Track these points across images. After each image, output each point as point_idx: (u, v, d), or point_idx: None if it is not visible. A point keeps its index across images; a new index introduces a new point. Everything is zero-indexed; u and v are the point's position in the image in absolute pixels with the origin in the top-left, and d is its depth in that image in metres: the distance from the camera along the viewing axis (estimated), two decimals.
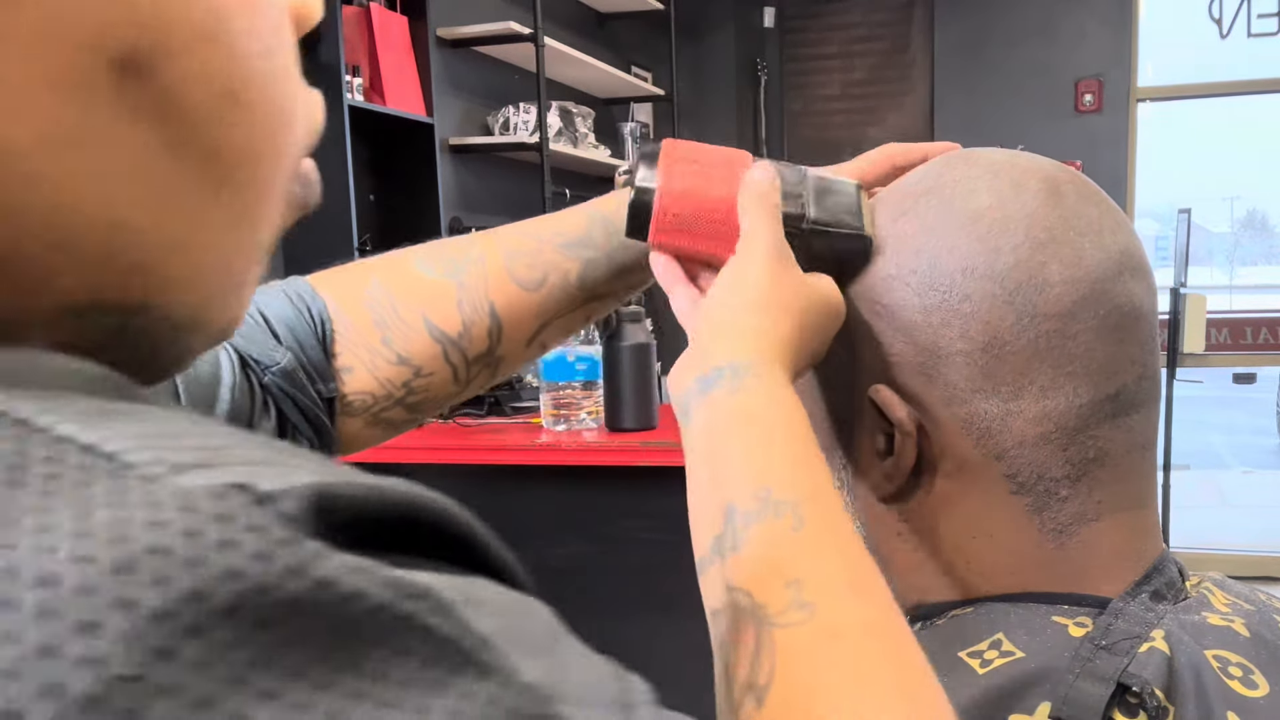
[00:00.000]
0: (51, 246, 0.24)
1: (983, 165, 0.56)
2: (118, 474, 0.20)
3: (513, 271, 0.63)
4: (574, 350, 1.92)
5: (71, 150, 0.24)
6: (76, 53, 0.23)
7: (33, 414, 0.21)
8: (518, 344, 0.65)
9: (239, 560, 0.19)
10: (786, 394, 0.49)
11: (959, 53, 4.37)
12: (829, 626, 0.41)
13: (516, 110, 3.38)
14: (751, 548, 0.44)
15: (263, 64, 0.28)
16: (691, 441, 0.50)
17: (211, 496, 0.20)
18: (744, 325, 0.51)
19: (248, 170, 0.28)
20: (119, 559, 0.18)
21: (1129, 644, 0.49)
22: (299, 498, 0.20)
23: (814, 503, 0.45)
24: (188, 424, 0.23)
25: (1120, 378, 0.53)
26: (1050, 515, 0.53)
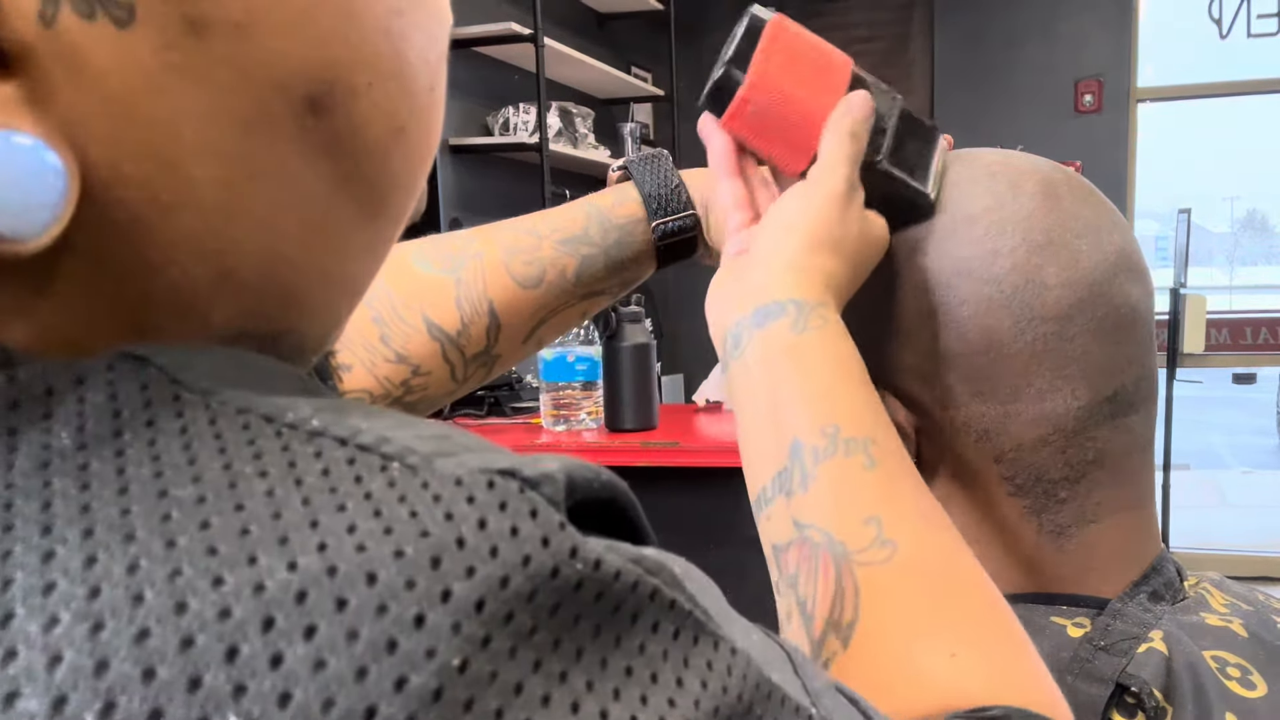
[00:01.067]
0: (218, 278, 0.24)
1: (979, 167, 0.56)
2: (383, 467, 0.21)
3: (511, 268, 0.63)
4: (574, 350, 1.92)
5: (250, 185, 0.24)
6: (271, 92, 0.23)
7: (275, 411, 0.22)
8: (514, 341, 0.64)
9: (528, 548, 0.20)
10: (846, 339, 0.49)
11: (959, 53, 4.37)
12: (911, 563, 0.42)
13: (516, 110, 3.38)
14: (824, 484, 0.44)
15: (428, 98, 0.28)
16: (745, 374, 0.49)
17: (484, 484, 0.20)
18: (810, 264, 0.50)
19: (399, 201, 0.29)
20: (428, 553, 0.19)
21: (1127, 644, 0.50)
22: (555, 483, 0.21)
23: (882, 443, 0.45)
24: (391, 413, 0.24)
25: (1118, 379, 0.53)
26: (1049, 517, 0.53)
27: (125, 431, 0.21)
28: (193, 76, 0.22)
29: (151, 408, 0.21)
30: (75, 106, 0.21)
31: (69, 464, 0.20)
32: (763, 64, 0.53)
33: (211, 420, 0.21)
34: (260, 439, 0.21)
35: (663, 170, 0.63)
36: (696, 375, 3.30)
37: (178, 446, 0.21)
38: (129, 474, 0.20)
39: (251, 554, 0.19)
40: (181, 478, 0.20)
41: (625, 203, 0.63)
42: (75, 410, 0.21)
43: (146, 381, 0.22)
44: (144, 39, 0.21)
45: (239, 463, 0.20)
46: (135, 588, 0.18)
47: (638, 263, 0.64)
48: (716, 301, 0.53)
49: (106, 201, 0.22)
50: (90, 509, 0.19)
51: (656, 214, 0.62)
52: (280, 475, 0.20)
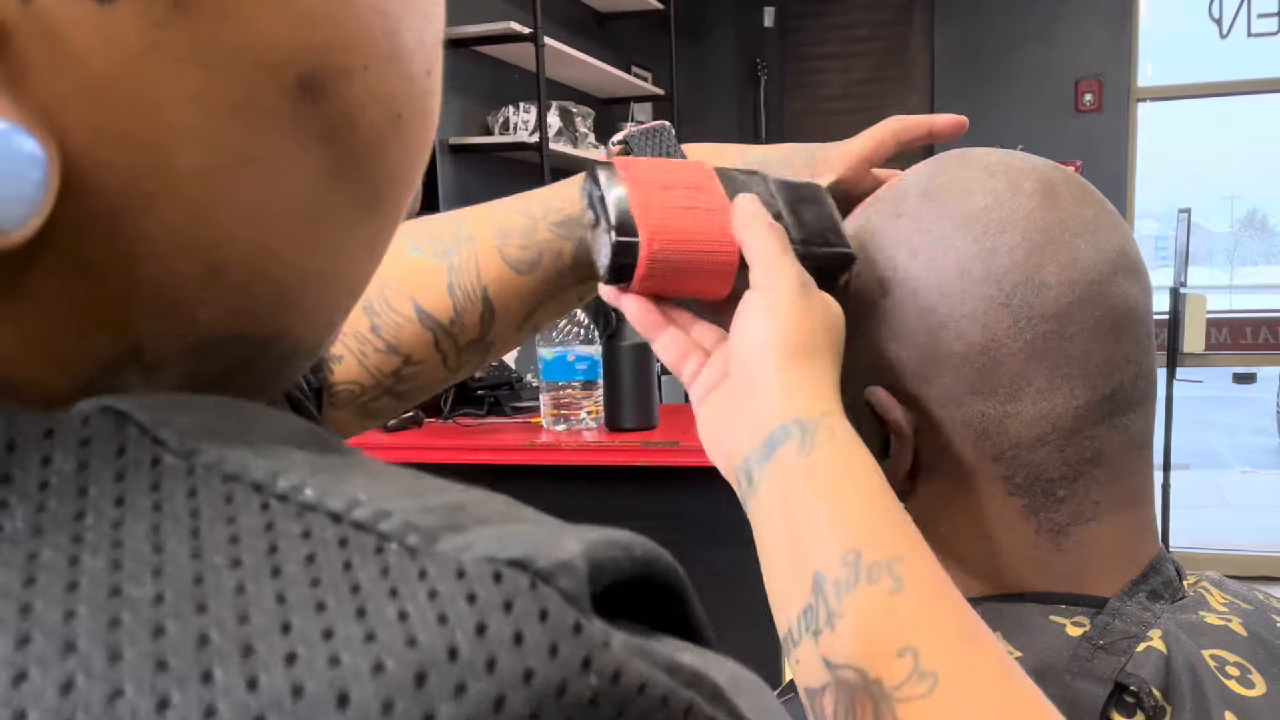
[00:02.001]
0: (205, 274, 0.23)
1: (978, 166, 0.56)
2: (379, 549, 0.18)
3: (505, 253, 0.60)
4: (574, 350, 1.92)
5: (239, 174, 0.22)
6: (261, 74, 0.22)
7: (266, 477, 0.19)
8: (510, 327, 0.62)
9: (532, 659, 0.17)
10: (857, 445, 0.47)
11: (959, 53, 4.37)
12: (955, 693, 0.39)
13: (516, 110, 3.38)
14: (851, 619, 0.42)
15: (425, 83, 0.26)
16: (761, 510, 0.48)
17: (490, 578, 0.18)
18: (796, 376, 0.48)
19: (395, 195, 0.27)
20: (412, 667, 0.17)
21: (1126, 644, 0.50)
22: (575, 573, 0.18)
23: (909, 560, 0.43)
24: (397, 472, 0.21)
25: (1116, 378, 0.53)
26: (1048, 516, 0.53)
27: (89, 513, 0.18)
28: (179, 57, 0.21)
29: (124, 481, 0.19)
30: (54, 89, 0.19)
31: (18, 553, 0.18)
32: (643, 211, 0.51)
33: (190, 493, 0.19)
34: (242, 516, 0.19)
35: (664, 145, 0.61)
36: None
37: (144, 529, 0.18)
38: (82, 564, 0.18)
39: (207, 669, 0.16)
40: (141, 571, 0.18)
41: None
42: (37, 480, 0.19)
43: (124, 444, 0.20)
44: (128, 16, 0.20)
45: (210, 551, 0.18)
46: (67, 713, 0.16)
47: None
48: (717, 443, 0.52)
49: (87, 191, 0.20)
50: (31, 610, 0.17)
51: None
52: (255, 566, 0.18)
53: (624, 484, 1.82)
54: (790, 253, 0.52)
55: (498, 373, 2.22)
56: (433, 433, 2.01)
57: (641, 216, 0.51)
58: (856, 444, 0.47)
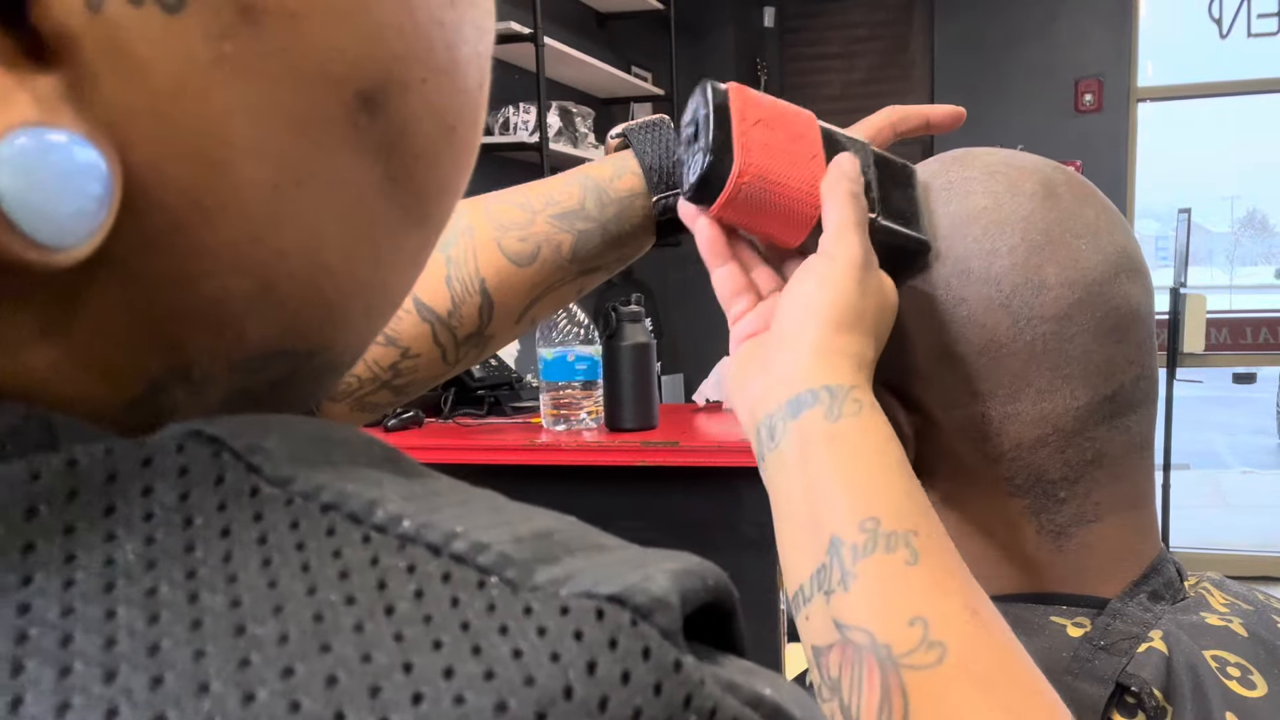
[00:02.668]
0: (258, 291, 0.22)
1: (979, 166, 0.56)
2: (480, 584, 0.19)
3: (503, 245, 0.60)
4: (574, 350, 1.92)
5: (297, 190, 0.22)
6: (324, 87, 0.22)
7: (363, 508, 0.19)
8: (508, 321, 0.62)
9: (640, 698, 0.18)
10: (883, 421, 0.48)
11: (959, 53, 4.37)
12: (962, 665, 0.40)
13: (516, 110, 3.38)
14: (865, 583, 0.42)
15: (478, 96, 0.26)
16: (781, 466, 0.48)
17: (593, 614, 0.18)
18: (837, 347, 0.49)
19: (443, 206, 0.27)
20: (532, 706, 0.17)
21: (1127, 644, 0.50)
22: (670, 610, 0.19)
23: (925, 534, 0.44)
24: (479, 495, 0.22)
25: (1117, 379, 0.53)
26: (1048, 517, 0.53)
27: (198, 546, 0.18)
28: (245, 69, 0.20)
29: (227, 511, 0.19)
30: (119, 101, 0.19)
31: (135, 589, 0.18)
32: (745, 145, 0.51)
33: (293, 524, 0.19)
34: (347, 549, 0.19)
35: (664, 140, 0.60)
36: (696, 375, 3.30)
37: (256, 563, 0.18)
38: (203, 602, 0.18)
39: (339, 709, 0.16)
40: (261, 609, 0.18)
41: (624, 175, 0.60)
42: (142, 511, 0.19)
43: (222, 473, 0.19)
44: (195, 27, 0.19)
45: (324, 586, 0.18)
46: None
47: (636, 237, 0.61)
48: (744, 392, 0.52)
49: (147, 206, 0.20)
50: (159, 650, 0.17)
51: (658, 187, 0.60)
52: (369, 603, 0.18)
53: (624, 484, 1.82)
54: (863, 228, 0.51)
55: (498, 373, 2.22)
56: (433, 432, 2.01)
57: (741, 144, 0.51)
58: (882, 420, 0.48)
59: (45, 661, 0.17)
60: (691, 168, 0.53)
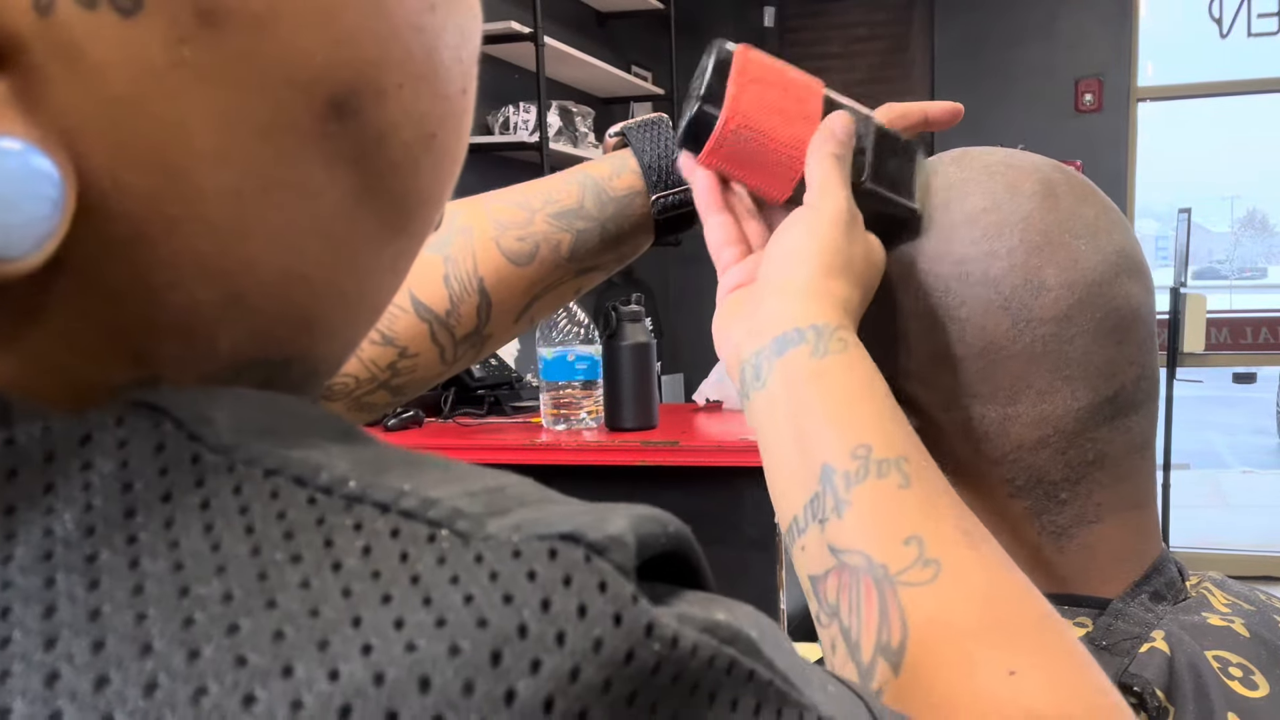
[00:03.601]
0: (227, 300, 0.22)
1: (977, 167, 0.55)
2: (431, 538, 0.18)
3: (502, 245, 0.60)
4: (574, 350, 1.92)
5: (265, 198, 0.21)
6: (291, 93, 0.21)
7: (308, 472, 0.19)
8: (506, 320, 0.61)
9: (599, 629, 0.18)
10: (867, 358, 0.48)
11: (959, 53, 4.37)
12: (957, 582, 0.40)
13: (516, 110, 3.37)
14: (860, 507, 0.43)
15: (460, 102, 0.26)
16: (768, 403, 0.48)
17: (545, 554, 0.18)
18: (823, 289, 0.49)
19: (424, 214, 0.26)
20: (487, 647, 0.17)
21: (1129, 644, 0.49)
22: (625, 548, 0.19)
23: (915, 461, 0.45)
24: (430, 460, 0.21)
25: (1118, 379, 0.53)
26: (1050, 518, 0.53)
27: (138, 511, 0.18)
28: (206, 74, 0.20)
29: (168, 476, 0.19)
30: (72, 107, 0.18)
31: (74, 555, 0.18)
32: (736, 96, 0.53)
33: (236, 489, 0.19)
34: (292, 510, 0.19)
35: (663, 139, 0.60)
36: (696, 375, 3.29)
37: (198, 528, 0.18)
38: (144, 567, 0.17)
39: (287, 663, 0.16)
40: (204, 569, 0.18)
41: (623, 174, 0.60)
42: (80, 483, 0.18)
43: (162, 441, 0.19)
44: (152, 30, 0.19)
45: (269, 546, 0.18)
46: (154, 713, 0.16)
47: (635, 236, 0.61)
48: (727, 335, 0.52)
49: (106, 214, 0.19)
50: (100, 614, 0.17)
51: (656, 186, 0.60)
52: (316, 560, 0.18)
53: (624, 484, 1.82)
54: (846, 185, 0.52)
55: (498, 372, 2.22)
56: (433, 432, 2.01)
57: (732, 95, 0.53)
58: (866, 358, 0.48)
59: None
60: (684, 115, 0.54)
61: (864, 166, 0.54)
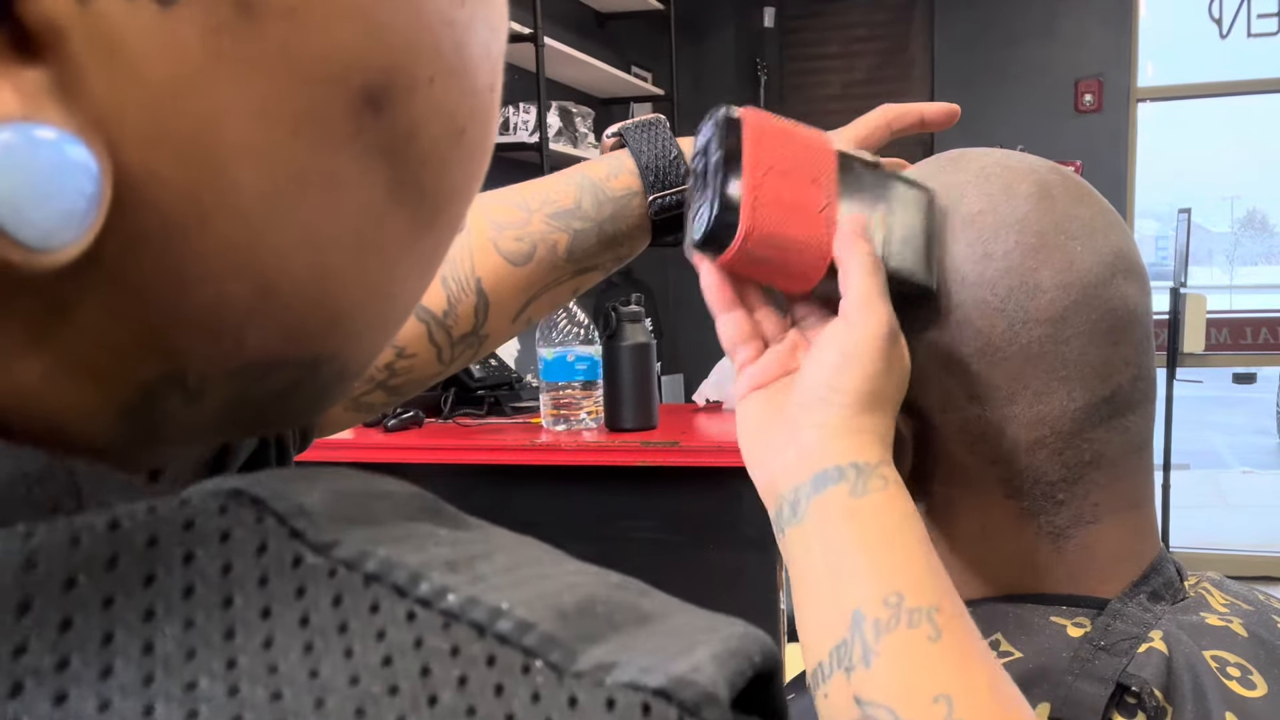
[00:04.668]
0: (257, 295, 0.22)
1: (973, 169, 0.55)
2: (525, 668, 0.18)
3: (499, 245, 0.59)
4: (574, 350, 1.92)
5: (298, 191, 0.21)
6: (326, 86, 0.21)
7: (407, 581, 0.19)
8: (504, 320, 0.61)
9: None
10: (906, 498, 0.48)
11: (959, 53, 4.37)
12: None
13: (516, 110, 3.37)
14: (888, 659, 0.42)
15: (488, 98, 0.25)
16: (804, 541, 0.47)
17: (639, 709, 0.18)
18: (863, 424, 0.48)
19: (453, 212, 0.26)
20: None
21: (1128, 644, 0.50)
22: (718, 705, 0.18)
23: (947, 610, 0.44)
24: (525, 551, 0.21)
25: (1115, 380, 0.53)
26: (1047, 519, 0.53)
27: (238, 631, 0.18)
28: (242, 65, 0.19)
29: (268, 588, 0.18)
30: (109, 97, 0.18)
31: (174, 683, 0.17)
32: (754, 200, 0.49)
33: (336, 600, 0.18)
34: (391, 629, 0.18)
35: (660, 139, 0.60)
36: (696, 375, 3.29)
37: (298, 652, 0.18)
38: (243, 695, 0.17)
39: None
40: (303, 702, 0.17)
41: (620, 174, 0.60)
42: (181, 585, 0.18)
43: (264, 540, 0.19)
44: (190, 20, 0.19)
45: (366, 676, 0.17)
46: None
47: (632, 236, 0.61)
48: (760, 460, 0.51)
49: (139, 206, 0.19)
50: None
51: (654, 187, 0.59)
52: (413, 693, 0.17)
53: (624, 484, 1.82)
54: (886, 295, 0.50)
55: (498, 373, 2.22)
56: (433, 433, 2.01)
57: (750, 202, 0.49)
58: (906, 497, 0.48)
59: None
60: (700, 216, 0.51)
61: (882, 246, 0.52)
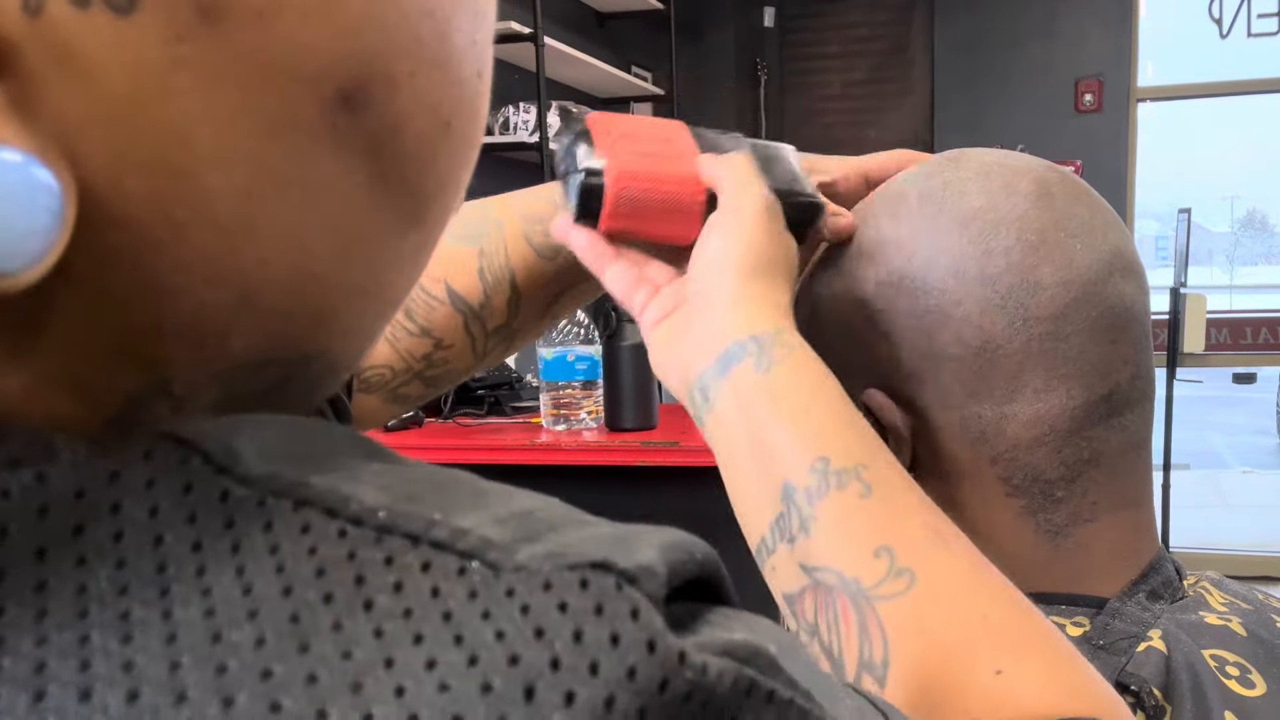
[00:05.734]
0: (239, 302, 0.21)
1: (973, 167, 0.56)
2: (461, 570, 0.18)
3: (530, 238, 0.61)
4: (574, 350, 1.92)
5: (276, 196, 0.21)
6: (298, 88, 0.20)
7: (338, 502, 0.19)
8: (533, 315, 0.63)
9: (633, 656, 0.18)
10: (812, 358, 0.48)
11: (959, 53, 4.37)
12: (933, 588, 0.40)
13: (516, 110, 3.37)
14: (825, 523, 0.43)
15: (476, 85, 0.25)
16: (721, 425, 0.48)
17: (577, 585, 0.18)
18: (754, 294, 0.48)
19: (442, 203, 0.26)
20: (520, 683, 0.17)
21: (1127, 644, 0.50)
22: (656, 577, 0.19)
23: (874, 466, 0.44)
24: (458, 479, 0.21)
25: (1113, 378, 0.53)
26: (1046, 517, 0.53)
27: (169, 565, 0.18)
28: (207, 72, 0.19)
29: (196, 524, 0.19)
30: (69, 111, 0.18)
31: (108, 612, 0.18)
32: (611, 153, 0.51)
33: (267, 525, 0.19)
34: (323, 545, 0.18)
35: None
36: None
37: (230, 572, 0.18)
38: (176, 616, 0.17)
39: (321, 708, 0.16)
40: (236, 614, 0.17)
41: None
42: (110, 530, 0.18)
43: (190, 481, 0.19)
44: (149, 29, 0.18)
45: (300, 586, 0.18)
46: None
47: None
48: (668, 362, 0.51)
49: (109, 221, 0.19)
50: (134, 666, 0.17)
51: None
52: (347, 599, 0.18)
53: (624, 484, 1.82)
54: (760, 177, 0.52)
55: (498, 373, 2.22)
56: (433, 432, 2.01)
57: (609, 154, 0.52)
58: (812, 357, 0.48)
59: (20, 689, 0.17)
60: (570, 193, 0.53)
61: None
